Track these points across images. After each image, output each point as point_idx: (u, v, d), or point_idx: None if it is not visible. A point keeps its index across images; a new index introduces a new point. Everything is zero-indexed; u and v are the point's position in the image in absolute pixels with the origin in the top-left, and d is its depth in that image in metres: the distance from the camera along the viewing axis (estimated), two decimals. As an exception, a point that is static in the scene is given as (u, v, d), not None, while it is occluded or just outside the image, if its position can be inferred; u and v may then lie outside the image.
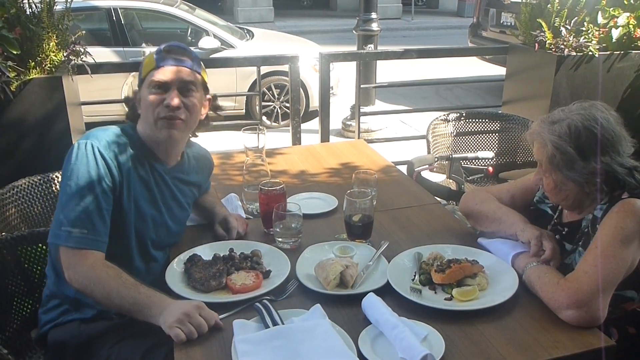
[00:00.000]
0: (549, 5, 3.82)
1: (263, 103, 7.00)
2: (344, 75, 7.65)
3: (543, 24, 3.79)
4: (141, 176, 1.89)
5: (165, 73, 1.84)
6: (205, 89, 1.99)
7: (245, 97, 7.11)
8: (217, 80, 5.02)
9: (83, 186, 1.74)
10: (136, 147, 1.90)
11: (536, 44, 3.85)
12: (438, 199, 2.73)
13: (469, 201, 2.13)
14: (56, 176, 2.60)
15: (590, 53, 3.73)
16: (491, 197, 2.10)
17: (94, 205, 1.74)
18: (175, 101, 1.83)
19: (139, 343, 1.77)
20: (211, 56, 6.50)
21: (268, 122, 7.05)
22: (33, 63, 3.05)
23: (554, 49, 3.80)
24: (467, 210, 2.14)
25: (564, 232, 1.90)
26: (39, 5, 3.10)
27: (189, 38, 7.16)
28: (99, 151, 1.77)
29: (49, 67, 3.13)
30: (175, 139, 1.92)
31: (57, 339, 1.88)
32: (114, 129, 1.89)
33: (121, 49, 6.74)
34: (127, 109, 1.99)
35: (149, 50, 6.74)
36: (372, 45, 6.24)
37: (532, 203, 2.10)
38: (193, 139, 2.12)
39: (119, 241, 1.84)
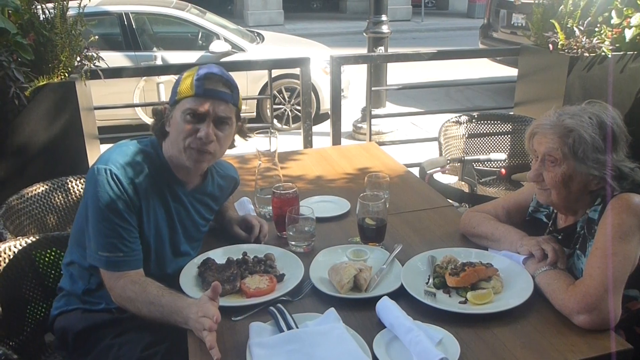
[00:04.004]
0: (561, 7, 3.81)
1: (274, 106, 7.01)
2: (354, 78, 7.65)
3: (556, 24, 3.77)
4: (159, 198, 1.90)
5: (203, 104, 1.80)
6: (238, 118, 1.95)
7: (256, 100, 7.13)
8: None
9: (110, 212, 1.75)
10: (156, 168, 1.88)
11: (550, 45, 3.83)
12: (451, 201, 2.72)
13: (466, 225, 2.13)
14: (70, 181, 2.62)
15: (603, 54, 3.71)
16: (487, 217, 2.09)
17: (123, 228, 1.77)
18: (210, 134, 1.81)
19: (141, 337, 1.79)
20: (222, 60, 6.54)
21: (279, 125, 7.06)
22: (47, 68, 3.07)
23: (566, 50, 3.78)
24: (466, 234, 2.13)
25: (559, 238, 1.89)
26: (52, 11, 3.12)
27: (200, 42, 7.19)
28: (117, 178, 1.76)
29: (62, 72, 3.16)
30: (201, 169, 1.95)
31: (61, 325, 1.93)
32: (133, 149, 1.86)
33: (133, 53, 6.78)
34: (154, 119, 1.94)
35: (161, 54, 6.78)
36: (382, 48, 6.23)
37: (528, 213, 2.10)
38: None
39: None
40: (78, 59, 3.28)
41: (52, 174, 2.62)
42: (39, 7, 3.11)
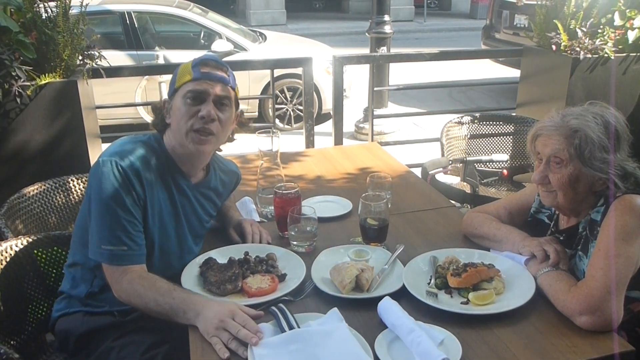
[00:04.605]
0: (564, 8, 3.80)
1: (276, 106, 7.01)
2: (357, 78, 7.65)
3: (559, 25, 3.76)
4: (165, 190, 1.89)
5: (203, 84, 1.83)
6: (237, 105, 1.98)
7: (258, 100, 7.12)
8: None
9: (114, 205, 1.74)
10: (161, 161, 1.88)
11: (553, 46, 3.83)
12: (453, 202, 2.71)
13: (468, 226, 2.12)
14: (71, 180, 2.61)
15: (605, 55, 3.70)
16: (489, 218, 2.08)
17: (128, 221, 1.76)
18: (211, 112, 1.82)
19: (142, 339, 1.79)
20: (224, 59, 6.52)
21: (281, 125, 7.06)
22: (49, 67, 3.07)
23: (569, 51, 3.77)
24: (468, 235, 2.13)
25: (561, 239, 1.89)
26: (55, 9, 3.12)
27: (202, 41, 7.19)
28: (123, 169, 1.76)
29: (64, 71, 3.16)
30: (204, 154, 1.93)
31: (62, 328, 1.92)
32: (137, 143, 1.87)
33: (135, 52, 6.78)
34: (153, 117, 1.95)
35: (163, 53, 6.78)
36: (384, 48, 6.23)
37: (530, 214, 2.10)
38: (220, 153, 2.13)
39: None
40: (80, 57, 3.28)
41: (54, 173, 2.62)
42: (41, 5, 3.12)
